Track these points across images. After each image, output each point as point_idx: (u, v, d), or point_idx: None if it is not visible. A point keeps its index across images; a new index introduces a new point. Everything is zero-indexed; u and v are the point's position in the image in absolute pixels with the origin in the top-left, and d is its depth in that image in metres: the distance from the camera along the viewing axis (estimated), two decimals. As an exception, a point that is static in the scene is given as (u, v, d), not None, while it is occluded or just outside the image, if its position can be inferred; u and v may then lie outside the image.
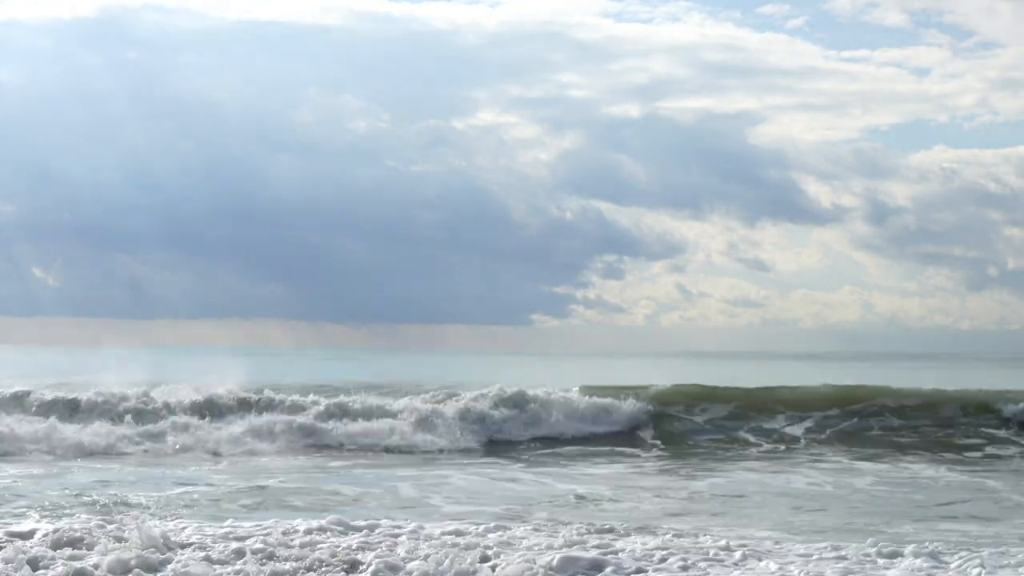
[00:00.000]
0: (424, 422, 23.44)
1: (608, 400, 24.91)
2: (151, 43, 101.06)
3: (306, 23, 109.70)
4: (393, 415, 23.88)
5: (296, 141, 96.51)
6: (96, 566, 9.63)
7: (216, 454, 21.10)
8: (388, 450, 22.15)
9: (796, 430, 23.99)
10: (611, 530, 11.99)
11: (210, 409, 24.01)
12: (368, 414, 23.95)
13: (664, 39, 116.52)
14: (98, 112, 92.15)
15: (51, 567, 9.63)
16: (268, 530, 11.38)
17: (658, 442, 23.37)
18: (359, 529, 11.54)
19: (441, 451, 22.08)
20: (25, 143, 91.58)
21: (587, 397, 25.11)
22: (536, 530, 11.92)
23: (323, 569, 9.83)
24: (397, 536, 11.22)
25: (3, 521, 11.93)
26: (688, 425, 24.59)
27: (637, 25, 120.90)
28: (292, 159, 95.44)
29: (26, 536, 10.77)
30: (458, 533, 11.44)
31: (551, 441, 23.47)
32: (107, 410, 24.02)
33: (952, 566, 10.25)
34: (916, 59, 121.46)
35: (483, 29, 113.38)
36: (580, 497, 15.48)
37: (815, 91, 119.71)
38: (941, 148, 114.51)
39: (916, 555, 10.57)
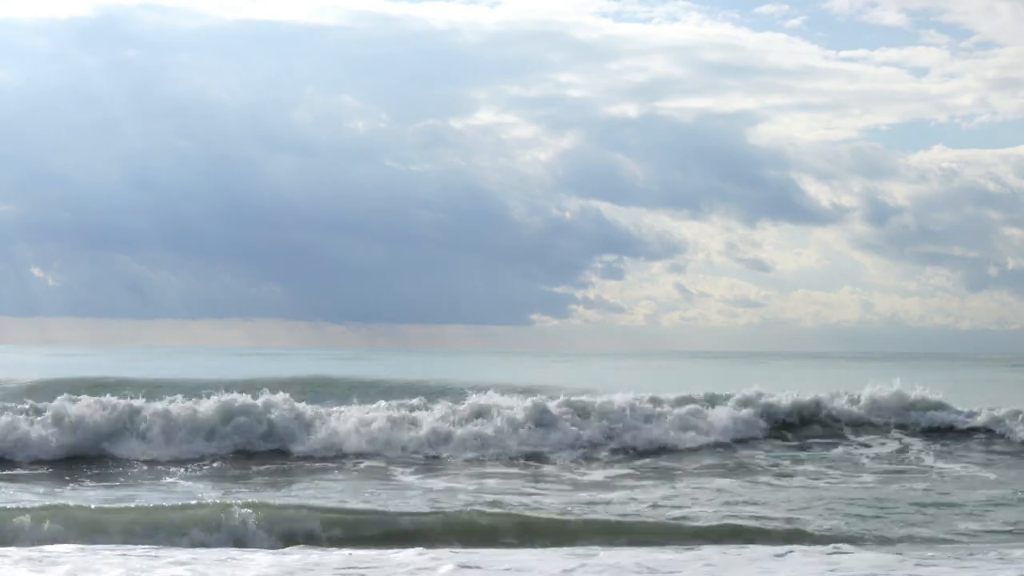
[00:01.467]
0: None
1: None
2: (149, 43, 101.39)
3: (304, 23, 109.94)
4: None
5: (295, 141, 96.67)
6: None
7: None
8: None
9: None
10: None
11: None
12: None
13: (663, 39, 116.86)
14: (97, 112, 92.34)
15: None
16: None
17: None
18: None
19: None
20: (24, 143, 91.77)
21: None
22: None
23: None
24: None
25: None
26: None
27: (636, 25, 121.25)
28: (291, 159, 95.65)
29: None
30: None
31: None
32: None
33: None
34: (915, 59, 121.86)
35: (481, 29, 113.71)
36: None
37: (814, 91, 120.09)
38: (940, 148, 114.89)
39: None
